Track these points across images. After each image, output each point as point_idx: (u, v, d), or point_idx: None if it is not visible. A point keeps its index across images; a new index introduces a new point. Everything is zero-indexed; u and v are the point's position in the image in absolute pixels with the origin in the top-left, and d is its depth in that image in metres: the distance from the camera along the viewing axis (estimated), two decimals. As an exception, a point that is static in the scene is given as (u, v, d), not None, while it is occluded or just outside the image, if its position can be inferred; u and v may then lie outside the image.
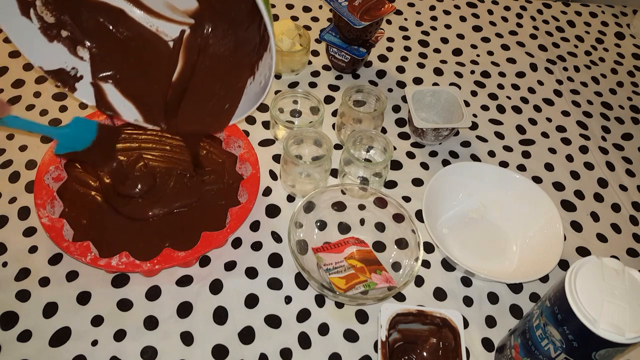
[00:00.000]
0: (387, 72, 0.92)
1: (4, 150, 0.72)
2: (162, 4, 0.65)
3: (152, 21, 0.67)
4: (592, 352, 0.47)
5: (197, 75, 0.67)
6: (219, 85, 0.67)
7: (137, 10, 0.66)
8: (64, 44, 0.64)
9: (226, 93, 0.66)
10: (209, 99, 0.67)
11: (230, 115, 0.66)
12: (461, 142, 0.82)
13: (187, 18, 0.67)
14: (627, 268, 0.49)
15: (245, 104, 0.65)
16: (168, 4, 0.65)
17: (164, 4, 0.65)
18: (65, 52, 0.64)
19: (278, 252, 0.66)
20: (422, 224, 0.67)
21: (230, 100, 0.66)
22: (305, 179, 0.71)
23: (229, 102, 0.66)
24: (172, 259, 0.59)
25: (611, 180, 0.81)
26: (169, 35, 0.67)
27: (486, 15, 1.07)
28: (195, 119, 0.67)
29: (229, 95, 0.66)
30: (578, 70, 0.98)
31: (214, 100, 0.67)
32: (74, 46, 0.64)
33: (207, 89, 0.67)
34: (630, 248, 0.73)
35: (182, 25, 0.67)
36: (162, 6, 0.66)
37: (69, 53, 0.64)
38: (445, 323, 0.58)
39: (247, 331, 0.60)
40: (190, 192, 0.67)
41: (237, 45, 0.65)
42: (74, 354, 0.56)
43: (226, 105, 0.66)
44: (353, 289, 0.61)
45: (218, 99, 0.66)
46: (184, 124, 0.67)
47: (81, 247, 0.58)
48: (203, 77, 0.67)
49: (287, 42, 0.85)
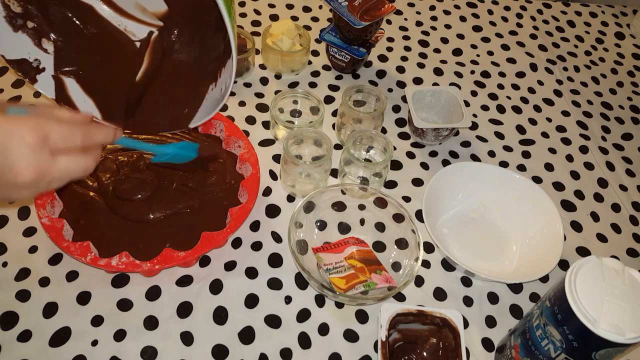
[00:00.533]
0: (387, 72, 0.92)
1: (4, 150, 0.72)
2: (132, 4, 0.65)
3: (121, 20, 0.67)
4: (592, 352, 0.47)
5: (160, 78, 0.67)
6: (181, 89, 0.67)
7: (106, 8, 0.65)
8: (28, 35, 0.63)
9: (187, 98, 0.67)
10: (169, 103, 0.67)
11: (189, 119, 0.67)
12: (461, 142, 0.82)
13: (156, 20, 0.67)
14: (627, 268, 0.49)
15: (205, 109, 0.66)
16: (138, 5, 0.65)
17: (134, 5, 0.65)
18: (30, 43, 0.63)
19: (278, 252, 0.66)
20: (422, 224, 0.67)
21: (190, 106, 0.67)
22: (305, 179, 0.71)
23: (188, 108, 0.67)
24: (172, 259, 0.59)
25: (611, 180, 0.81)
26: (136, 35, 0.67)
27: (486, 15, 1.07)
28: (153, 120, 0.67)
29: (190, 100, 0.67)
30: (578, 70, 0.98)
31: (173, 104, 0.67)
32: (39, 38, 0.63)
33: (168, 92, 0.67)
34: (630, 248, 0.73)
35: (150, 26, 0.67)
36: (132, 6, 0.66)
37: (33, 44, 0.63)
38: (445, 323, 0.58)
39: (247, 331, 0.60)
40: (191, 195, 0.67)
41: (202, 52, 0.66)
42: (74, 354, 0.56)
43: (185, 110, 0.67)
44: (353, 289, 0.61)
45: (178, 104, 0.67)
46: (141, 124, 0.67)
47: (81, 247, 0.58)
48: (165, 81, 0.67)
49: (287, 42, 0.85)
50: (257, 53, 0.89)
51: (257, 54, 0.89)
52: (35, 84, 0.64)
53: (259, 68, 0.88)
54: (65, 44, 0.64)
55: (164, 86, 0.67)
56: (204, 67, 0.66)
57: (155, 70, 0.66)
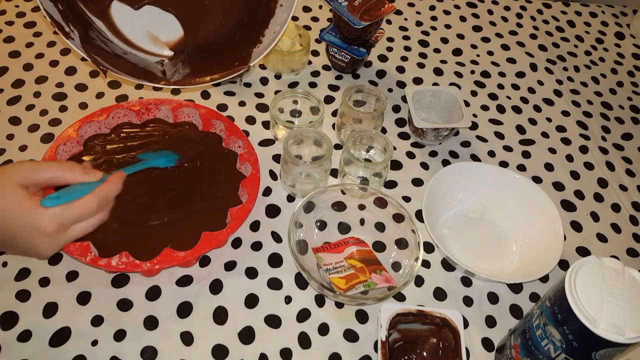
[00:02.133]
0: (387, 72, 0.92)
1: (4, 150, 0.72)
2: (144, 35, 0.67)
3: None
4: (592, 352, 0.47)
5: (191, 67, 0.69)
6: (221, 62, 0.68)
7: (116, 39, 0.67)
8: (58, 11, 0.62)
9: (228, 62, 0.68)
10: (211, 68, 0.68)
11: (247, 60, 0.68)
12: (461, 142, 0.82)
13: (167, 50, 0.70)
14: (627, 268, 0.49)
15: (257, 54, 0.68)
16: (150, 35, 0.67)
17: (146, 35, 0.67)
18: (60, 16, 0.62)
19: (278, 252, 0.66)
20: (422, 224, 0.67)
21: (240, 60, 0.68)
22: (305, 179, 0.71)
23: (237, 61, 0.68)
24: (172, 259, 0.59)
25: (611, 180, 0.81)
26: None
27: (486, 15, 1.07)
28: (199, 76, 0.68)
29: (233, 62, 0.68)
30: (578, 70, 0.98)
31: (217, 66, 0.68)
32: (66, 20, 0.63)
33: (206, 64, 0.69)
34: (630, 248, 0.73)
35: (162, 57, 0.69)
36: (143, 37, 0.68)
37: (62, 19, 0.63)
38: (445, 323, 0.58)
39: (247, 331, 0.60)
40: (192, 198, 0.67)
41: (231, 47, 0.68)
42: (74, 354, 0.56)
43: (235, 63, 0.68)
44: (353, 289, 0.61)
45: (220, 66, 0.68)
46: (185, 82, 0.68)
47: (81, 247, 0.58)
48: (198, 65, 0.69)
49: (287, 42, 0.85)
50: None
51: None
52: (68, 42, 0.62)
53: (259, 68, 0.88)
54: (86, 36, 0.64)
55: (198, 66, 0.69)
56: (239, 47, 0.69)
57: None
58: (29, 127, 0.75)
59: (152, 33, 0.68)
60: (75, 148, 0.69)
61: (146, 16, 0.68)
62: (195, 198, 0.67)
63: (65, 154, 0.68)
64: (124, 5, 0.66)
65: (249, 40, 0.69)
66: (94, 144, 0.71)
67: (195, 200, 0.67)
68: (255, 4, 0.70)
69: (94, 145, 0.70)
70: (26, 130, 0.75)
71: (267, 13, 0.68)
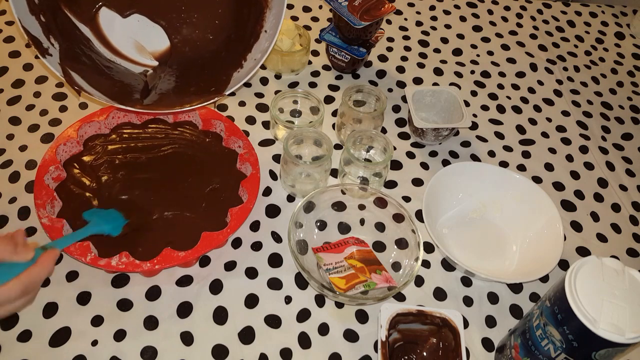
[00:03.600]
0: (387, 72, 0.92)
1: (4, 150, 0.72)
2: (131, 44, 0.66)
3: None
4: (592, 352, 0.47)
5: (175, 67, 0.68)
6: (199, 83, 0.67)
7: (103, 48, 0.66)
8: (40, 24, 0.62)
9: (208, 82, 0.67)
10: (190, 85, 0.67)
11: (219, 93, 0.66)
12: (461, 142, 0.82)
13: (153, 61, 0.70)
14: (627, 268, 0.49)
15: (236, 81, 0.67)
16: (137, 44, 0.66)
17: (133, 44, 0.66)
18: (40, 31, 0.62)
19: (278, 252, 0.66)
20: (422, 224, 0.67)
21: (216, 86, 0.67)
22: (305, 179, 0.71)
23: (214, 87, 0.67)
24: (172, 259, 0.59)
25: (611, 180, 0.81)
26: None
27: (486, 15, 1.07)
28: (172, 99, 0.67)
29: (212, 84, 0.67)
30: (578, 70, 0.98)
31: (196, 85, 0.67)
32: (47, 32, 0.62)
33: (187, 80, 0.67)
34: (630, 248, 0.73)
35: (146, 67, 0.69)
36: (130, 46, 0.67)
37: (42, 33, 0.62)
38: (445, 323, 0.58)
39: (247, 331, 0.60)
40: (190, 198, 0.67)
41: (214, 64, 0.67)
42: (74, 354, 0.56)
43: (212, 89, 0.67)
44: (353, 289, 0.61)
45: (200, 85, 0.67)
46: (159, 103, 0.66)
47: (81, 247, 0.58)
48: (180, 68, 0.68)
49: (287, 42, 0.85)
50: (257, 53, 0.89)
51: (257, 54, 0.89)
52: (44, 60, 0.62)
53: (259, 68, 0.88)
54: (70, 48, 0.64)
55: (182, 73, 0.68)
56: (221, 67, 0.67)
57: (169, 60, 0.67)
58: (29, 127, 0.75)
59: (138, 42, 0.68)
60: (75, 148, 0.69)
61: (134, 25, 0.68)
62: (195, 198, 0.67)
63: (65, 153, 0.68)
64: (112, 13, 0.66)
65: (232, 61, 0.68)
66: (94, 144, 0.71)
67: (195, 199, 0.67)
68: (243, 21, 0.69)
69: (94, 146, 0.70)
70: (26, 130, 0.75)
71: (252, 35, 0.67)
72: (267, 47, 0.64)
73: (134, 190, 0.67)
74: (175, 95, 0.67)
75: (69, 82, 0.62)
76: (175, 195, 0.67)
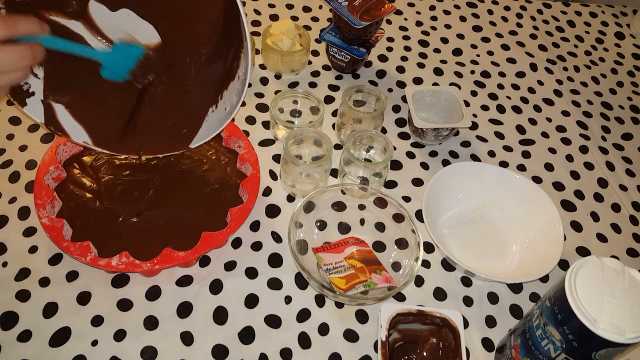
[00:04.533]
0: (387, 72, 0.92)
1: (4, 150, 0.72)
2: (120, 34, 0.65)
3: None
4: (592, 352, 0.47)
5: (154, 102, 0.67)
6: (177, 113, 0.67)
7: (96, 40, 0.65)
8: None
9: (184, 121, 0.67)
10: (165, 122, 0.67)
11: (189, 140, 0.66)
12: (461, 142, 0.82)
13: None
14: (627, 268, 0.49)
15: (206, 129, 0.66)
16: (130, 36, 0.65)
17: (124, 35, 0.65)
18: None
19: (278, 252, 0.66)
20: (422, 224, 0.67)
21: (189, 127, 0.66)
22: (305, 179, 0.71)
23: (187, 128, 0.66)
24: (172, 259, 0.59)
25: (611, 180, 0.81)
26: None
27: (486, 15, 1.07)
28: (152, 141, 0.67)
29: (188, 123, 0.67)
30: (578, 70, 0.98)
31: (171, 126, 0.67)
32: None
33: (164, 115, 0.67)
34: (630, 248, 0.73)
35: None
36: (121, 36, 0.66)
37: None
38: (445, 323, 0.58)
39: (247, 331, 0.60)
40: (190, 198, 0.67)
41: (198, 81, 0.66)
42: (74, 354, 0.56)
43: (184, 130, 0.66)
44: (353, 289, 0.61)
45: (175, 126, 0.67)
46: (139, 147, 0.67)
47: (81, 247, 0.58)
48: (160, 105, 0.67)
49: (287, 42, 0.85)
50: (257, 53, 0.89)
51: (257, 54, 0.89)
52: (24, 108, 0.62)
53: (259, 68, 0.88)
54: (56, 71, 0.62)
55: (160, 109, 0.67)
56: (202, 93, 0.66)
57: (150, 97, 0.66)
58: (29, 127, 0.75)
59: (130, 34, 0.67)
60: (75, 148, 0.69)
61: (124, 18, 0.67)
62: (195, 198, 0.67)
63: (65, 153, 0.68)
64: (101, 6, 0.65)
65: (212, 89, 0.66)
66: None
67: (195, 200, 0.67)
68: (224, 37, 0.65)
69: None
70: (26, 130, 0.75)
71: (231, 70, 0.63)
72: (237, 100, 0.62)
73: (134, 190, 0.67)
74: (153, 131, 0.67)
75: (47, 125, 0.63)
76: (175, 195, 0.67)
